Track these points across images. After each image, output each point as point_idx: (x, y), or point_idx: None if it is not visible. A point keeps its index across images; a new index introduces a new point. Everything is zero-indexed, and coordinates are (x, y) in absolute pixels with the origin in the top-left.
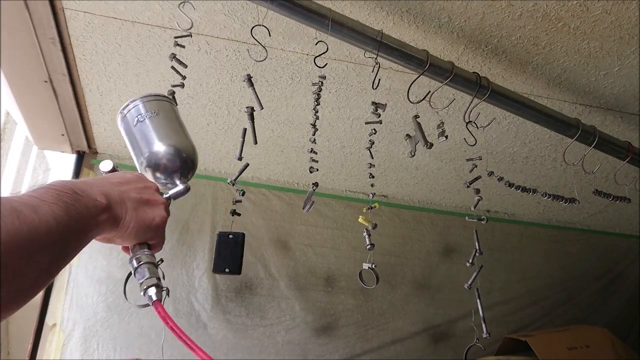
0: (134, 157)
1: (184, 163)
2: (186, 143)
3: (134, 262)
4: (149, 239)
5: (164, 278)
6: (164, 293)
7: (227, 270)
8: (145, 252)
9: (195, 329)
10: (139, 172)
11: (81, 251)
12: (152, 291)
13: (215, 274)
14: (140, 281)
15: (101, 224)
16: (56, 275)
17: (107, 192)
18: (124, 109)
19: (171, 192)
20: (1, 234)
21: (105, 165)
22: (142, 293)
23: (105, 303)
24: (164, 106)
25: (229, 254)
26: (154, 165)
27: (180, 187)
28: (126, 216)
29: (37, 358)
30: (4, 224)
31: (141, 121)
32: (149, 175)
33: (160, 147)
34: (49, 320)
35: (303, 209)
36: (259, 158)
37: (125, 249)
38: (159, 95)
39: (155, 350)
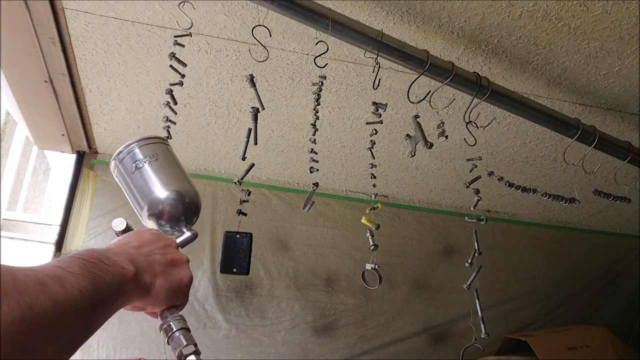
0: (133, 206)
1: (187, 209)
2: (188, 187)
3: (165, 330)
4: (177, 301)
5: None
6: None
7: (234, 270)
8: (176, 317)
9: (195, 329)
10: (143, 222)
11: None
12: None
13: (222, 274)
14: (177, 349)
15: (128, 293)
16: (81, 345)
17: (133, 259)
18: (118, 154)
19: (179, 240)
20: (26, 310)
21: (118, 225)
22: None
23: None
24: (161, 149)
25: (236, 254)
26: (158, 213)
27: (187, 234)
28: (156, 282)
29: None
30: (29, 299)
31: (140, 167)
32: (152, 224)
33: (162, 194)
34: None
35: (303, 209)
36: (259, 158)
37: (154, 314)
38: (154, 138)
39: (155, 350)
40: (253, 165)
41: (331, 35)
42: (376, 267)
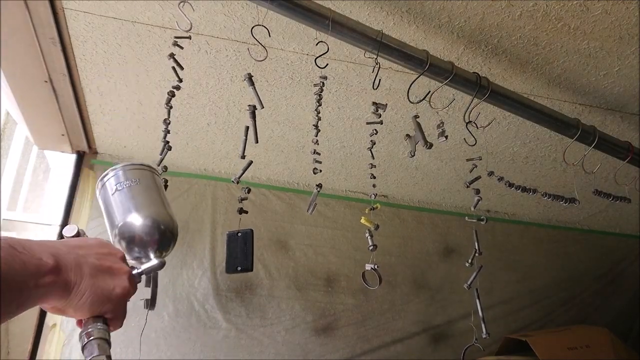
0: (108, 229)
1: (161, 236)
2: (165, 215)
3: (84, 336)
4: (106, 312)
5: (151, 283)
6: None
7: (239, 268)
8: (99, 326)
9: (195, 329)
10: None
11: None
12: None
13: (228, 274)
14: (88, 358)
15: (44, 287)
16: None
17: (58, 253)
18: (103, 177)
19: (144, 267)
20: None
21: (69, 230)
22: None
23: None
24: (145, 175)
25: (239, 252)
26: (128, 237)
27: (154, 262)
28: (81, 283)
29: (37, 358)
30: None
31: (119, 190)
32: (122, 249)
33: (136, 219)
34: (49, 320)
35: (307, 210)
36: (259, 158)
37: (80, 322)
38: (141, 165)
39: (155, 350)
40: (251, 162)
41: (331, 36)
42: (376, 267)
